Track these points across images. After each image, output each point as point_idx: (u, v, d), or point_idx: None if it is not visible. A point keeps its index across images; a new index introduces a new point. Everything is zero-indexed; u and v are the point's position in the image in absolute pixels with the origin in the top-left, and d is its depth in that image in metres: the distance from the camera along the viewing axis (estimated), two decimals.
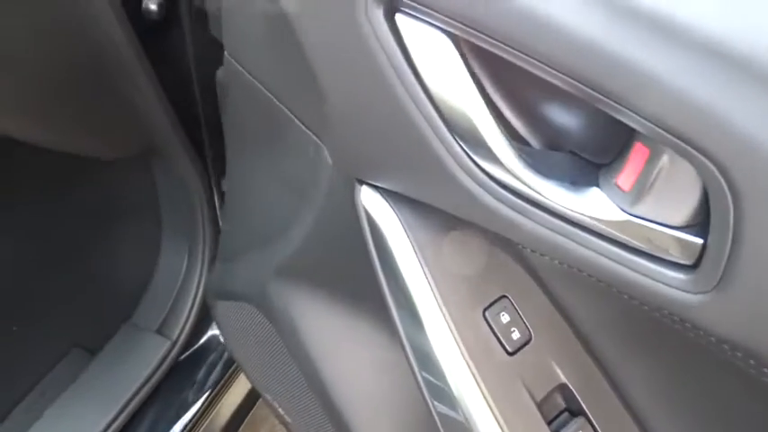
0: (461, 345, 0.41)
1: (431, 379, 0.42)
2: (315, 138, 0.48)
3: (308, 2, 0.37)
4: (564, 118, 0.35)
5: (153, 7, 0.85)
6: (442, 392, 0.42)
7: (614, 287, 0.34)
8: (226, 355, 1.20)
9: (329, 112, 0.40)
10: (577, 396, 0.42)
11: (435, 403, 0.43)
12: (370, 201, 0.42)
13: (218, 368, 1.20)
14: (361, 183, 0.43)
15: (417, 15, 0.34)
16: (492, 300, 0.41)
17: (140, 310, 1.20)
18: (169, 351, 1.15)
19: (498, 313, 0.41)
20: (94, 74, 0.85)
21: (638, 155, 0.29)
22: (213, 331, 1.22)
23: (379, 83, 0.36)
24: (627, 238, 0.31)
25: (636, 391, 0.41)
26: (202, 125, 1.01)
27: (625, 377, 0.41)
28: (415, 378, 0.43)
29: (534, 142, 0.36)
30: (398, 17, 0.34)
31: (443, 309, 0.41)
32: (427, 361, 0.42)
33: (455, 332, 0.41)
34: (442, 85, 0.34)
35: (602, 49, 0.27)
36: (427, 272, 0.41)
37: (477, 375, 0.40)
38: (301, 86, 0.47)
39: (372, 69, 0.36)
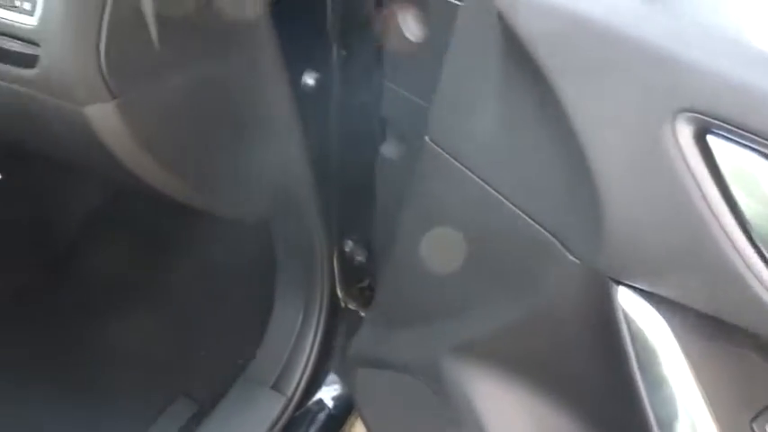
0: None
1: None
2: (544, 231, 0.50)
3: (607, 118, 0.39)
4: None
5: (310, 82, 0.90)
6: None
7: None
8: (330, 413, 1.20)
9: (604, 219, 0.41)
10: None
11: None
12: (631, 302, 0.43)
13: (326, 428, 1.19)
14: (618, 282, 0.44)
15: (730, 137, 0.35)
16: (758, 410, 0.41)
17: (255, 365, 1.21)
18: (285, 408, 1.15)
19: (764, 425, 0.41)
20: (249, 137, 0.90)
21: None
22: (324, 390, 1.21)
23: (678, 197, 0.37)
24: None
25: None
26: (333, 188, 1.04)
27: None
28: None
29: None
30: (709, 138, 0.36)
31: (712, 415, 0.41)
32: None
33: None
34: (752, 201, 0.35)
35: None
36: (695, 376, 0.41)
37: None
38: (542, 187, 0.49)
39: (671, 184, 0.37)
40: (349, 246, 1.10)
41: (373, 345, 0.86)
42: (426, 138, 0.63)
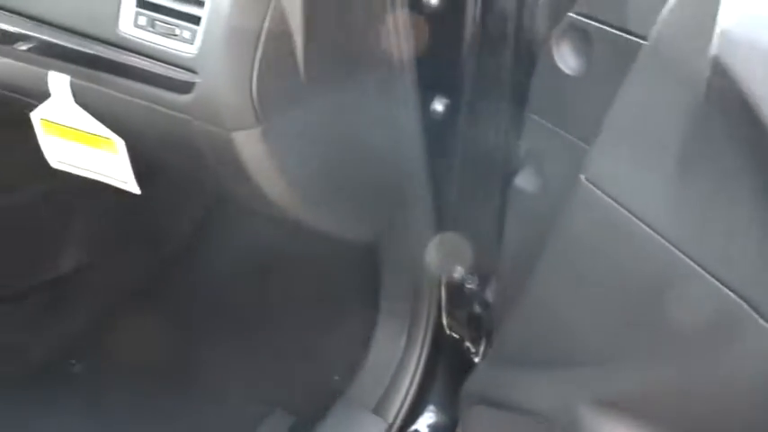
0: None
1: None
2: (732, 294, 0.45)
3: None
4: None
5: (439, 108, 0.89)
6: None
7: None
8: None
9: None
10: None
11: None
12: None
13: None
14: None
15: None
16: None
17: (356, 387, 1.19)
18: None
19: None
20: (374, 160, 0.89)
21: None
22: (421, 418, 1.18)
23: None
24: None
25: None
26: (450, 214, 1.02)
27: None
28: None
29: None
30: None
31: None
32: None
33: None
34: None
35: None
36: None
37: None
38: (736, 245, 0.44)
39: None
40: (459, 272, 1.07)
41: (493, 384, 0.83)
42: (582, 176, 0.59)
